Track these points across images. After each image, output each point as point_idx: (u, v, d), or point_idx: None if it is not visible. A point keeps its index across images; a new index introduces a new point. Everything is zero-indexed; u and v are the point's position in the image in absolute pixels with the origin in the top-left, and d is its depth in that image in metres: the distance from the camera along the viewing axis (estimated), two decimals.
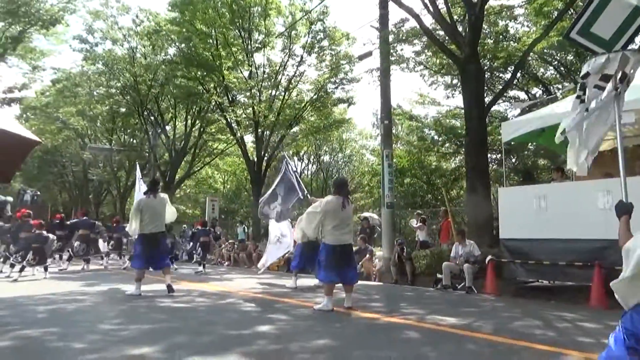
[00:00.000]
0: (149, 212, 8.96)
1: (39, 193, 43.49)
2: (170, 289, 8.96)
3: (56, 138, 34.98)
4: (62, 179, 41.44)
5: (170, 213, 9.49)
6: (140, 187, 12.35)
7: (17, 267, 12.03)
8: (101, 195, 40.95)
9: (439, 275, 11.15)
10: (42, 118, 32.83)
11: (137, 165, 16.54)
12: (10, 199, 13.18)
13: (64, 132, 34.75)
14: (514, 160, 22.97)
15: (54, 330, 5.77)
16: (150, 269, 9.22)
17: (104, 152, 32.25)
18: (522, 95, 23.41)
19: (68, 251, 14.91)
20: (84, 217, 15.47)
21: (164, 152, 29.80)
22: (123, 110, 29.12)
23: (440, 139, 24.81)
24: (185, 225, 26.95)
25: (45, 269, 12.39)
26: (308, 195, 10.72)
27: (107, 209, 43.04)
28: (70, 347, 4.94)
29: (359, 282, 8.97)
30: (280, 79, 24.58)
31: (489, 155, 16.98)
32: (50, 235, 12.69)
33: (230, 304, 8.19)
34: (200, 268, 14.93)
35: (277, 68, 24.67)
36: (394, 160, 17.68)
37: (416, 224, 14.64)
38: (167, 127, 29.59)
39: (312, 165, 38.51)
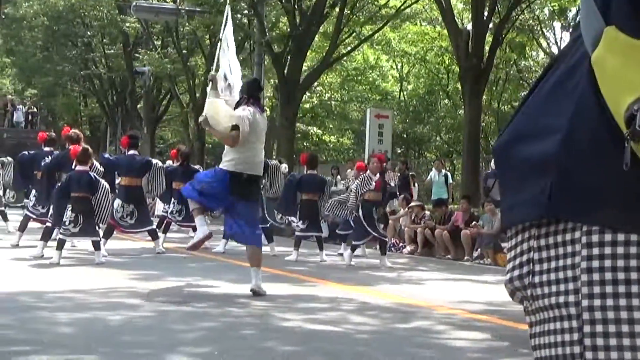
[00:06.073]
0: (252, 132, 5.57)
1: (35, 110, 29.03)
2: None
3: None
4: (87, 71, 26.33)
5: None
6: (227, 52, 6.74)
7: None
8: (159, 103, 26.17)
9: None
10: None
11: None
12: None
13: None
14: None
15: None
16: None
17: (162, 17, 20.31)
18: None
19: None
20: (132, 151, 9.75)
21: (278, 16, 18.57)
22: None
23: None
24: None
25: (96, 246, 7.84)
26: None
27: (170, 132, 29.92)
28: None
29: None
30: None
31: None
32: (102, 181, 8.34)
33: (423, 331, 4.93)
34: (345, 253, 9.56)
35: None
36: None
37: None
38: None
39: None
